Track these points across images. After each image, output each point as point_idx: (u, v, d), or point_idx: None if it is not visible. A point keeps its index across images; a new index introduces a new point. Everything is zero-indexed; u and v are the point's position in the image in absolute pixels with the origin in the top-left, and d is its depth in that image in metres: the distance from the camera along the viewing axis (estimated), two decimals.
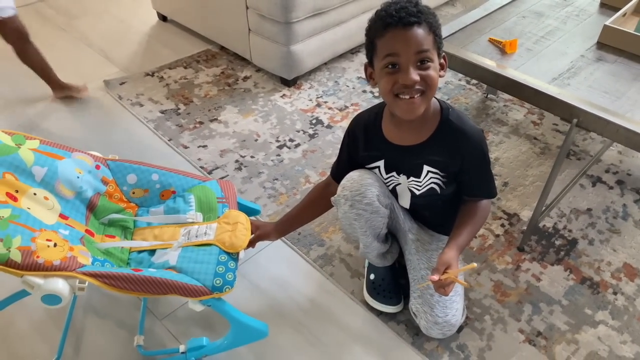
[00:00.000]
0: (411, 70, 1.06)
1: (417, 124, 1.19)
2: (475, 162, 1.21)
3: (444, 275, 1.10)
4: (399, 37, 1.05)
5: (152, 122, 2.10)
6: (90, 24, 2.75)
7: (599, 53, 1.58)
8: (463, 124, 1.19)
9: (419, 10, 1.05)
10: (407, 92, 1.08)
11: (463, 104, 2.26)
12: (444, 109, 1.19)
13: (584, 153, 2.02)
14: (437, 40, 1.08)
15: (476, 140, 1.20)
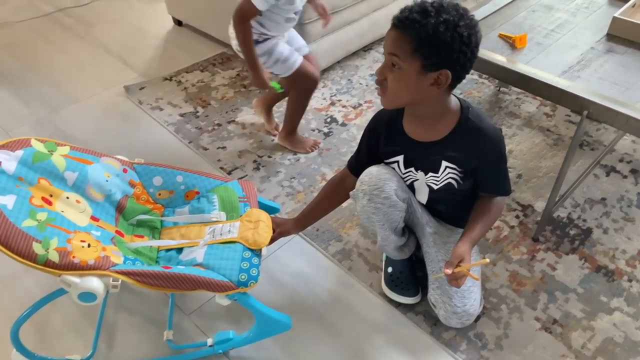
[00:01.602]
0: (381, 65, 1.15)
1: (435, 121, 1.23)
2: (491, 161, 1.25)
3: (457, 268, 1.15)
4: (387, 33, 1.13)
5: (173, 125, 2.16)
6: (108, 31, 2.82)
7: (608, 45, 1.60)
8: (482, 123, 1.22)
9: (412, 19, 1.06)
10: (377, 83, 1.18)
11: (476, 98, 2.29)
12: (464, 108, 1.23)
13: (598, 143, 2.03)
14: (420, 53, 1.07)
15: (494, 139, 1.23)
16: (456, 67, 1.10)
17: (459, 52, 1.07)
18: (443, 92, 1.15)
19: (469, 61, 1.11)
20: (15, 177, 1.16)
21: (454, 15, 1.06)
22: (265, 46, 1.75)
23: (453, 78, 1.12)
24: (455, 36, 1.05)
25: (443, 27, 1.04)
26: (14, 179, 1.15)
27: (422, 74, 1.10)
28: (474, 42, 1.09)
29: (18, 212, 1.09)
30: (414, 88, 1.14)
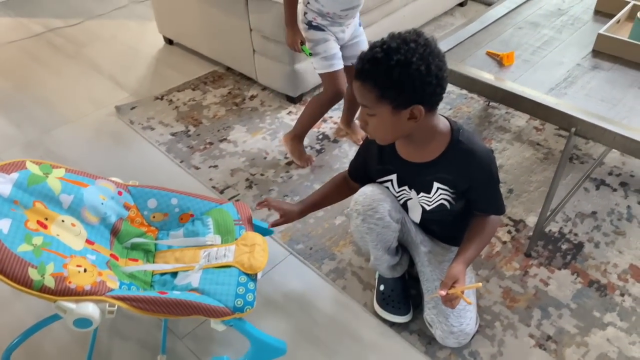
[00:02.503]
0: (360, 113, 1.19)
1: (425, 143, 1.24)
2: (483, 181, 1.26)
3: (451, 289, 1.16)
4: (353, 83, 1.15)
5: (164, 145, 2.17)
6: (99, 50, 2.83)
7: (594, 61, 1.62)
8: (472, 145, 1.23)
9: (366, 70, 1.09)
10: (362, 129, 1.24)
11: (465, 113, 2.32)
12: (454, 130, 1.24)
13: (587, 157, 2.06)
14: (386, 97, 1.09)
15: (485, 160, 1.24)
16: (425, 98, 1.11)
17: (422, 86, 1.08)
18: (427, 119, 1.16)
19: (437, 88, 1.11)
20: (10, 201, 1.16)
21: (404, 53, 1.05)
22: (316, 35, 1.81)
23: (428, 107, 1.13)
24: (412, 73, 1.06)
25: (397, 70, 1.06)
26: (9, 203, 1.15)
27: (395, 113, 1.13)
28: (435, 70, 1.08)
29: (13, 237, 1.09)
30: (394, 127, 1.17)
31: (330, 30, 1.81)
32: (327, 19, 1.77)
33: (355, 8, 1.78)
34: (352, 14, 1.80)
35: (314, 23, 1.78)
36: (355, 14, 1.83)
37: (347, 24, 1.83)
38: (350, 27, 1.85)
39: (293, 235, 1.75)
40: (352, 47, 1.91)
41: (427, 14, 2.91)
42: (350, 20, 1.83)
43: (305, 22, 1.80)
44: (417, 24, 2.87)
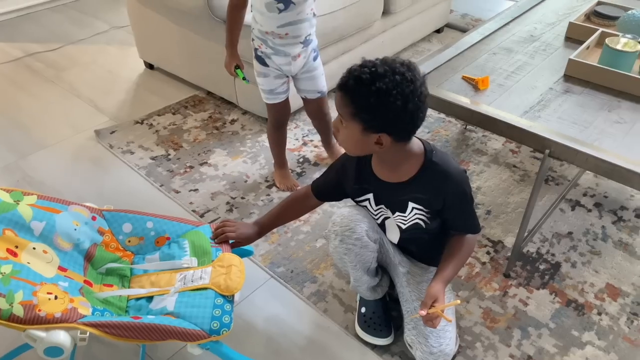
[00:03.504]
0: (335, 119, 1.21)
1: (399, 163, 1.26)
2: (457, 201, 1.27)
3: (431, 309, 1.16)
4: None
5: (144, 169, 2.15)
6: (79, 75, 2.82)
7: (566, 85, 1.67)
8: (445, 165, 1.25)
9: (348, 86, 1.11)
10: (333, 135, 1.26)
11: (443, 136, 2.35)
12: (428, 151, 1.25)
13: (562, 178, 2.10)
14: (359, 117, 1.12)
15: (458, 180, 1.26)
16: (395, 130, 1.14)
17: (394, 119, 1.10)
18: (396, 146, 1.18)
19: (408, 125, 1.14)
20: None
21: (387, 83, 1.07)
22: (258, 67, 1.83)
23: (395, 139, 1.15)
24: (388, 105, 1.08)
25: (374, 97, 1.08)
26: None
27: (364, 134, 1.15)
28: (412, 108, 1.09)
29: None
30: (360, 145, 1.19)
31: (275, 63, 1.76)
32: (269, 45, 1.72)
33: (294, 25, 1.66)
34: (293, 34, 1.68)
35: (259, 52, 1.77)
36: (298, 39, 1.71)
37: (294, 56, 1.74)
38: (298, 60, 1.77)
39: (274, 258, 1.74)
40: (304, 82, 1.86)
41: (405, 40, 2.97)
42: (296, 49, 1.73)
43: (253, 49, 1.80)
44: (395, 49, 2.93)
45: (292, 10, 1.64)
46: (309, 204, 1.51)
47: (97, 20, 3.41)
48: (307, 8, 1.67)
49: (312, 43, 1.80)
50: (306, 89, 1.88)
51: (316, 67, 1.85)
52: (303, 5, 1.65)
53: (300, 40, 1.73)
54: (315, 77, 1.86)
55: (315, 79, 1.87)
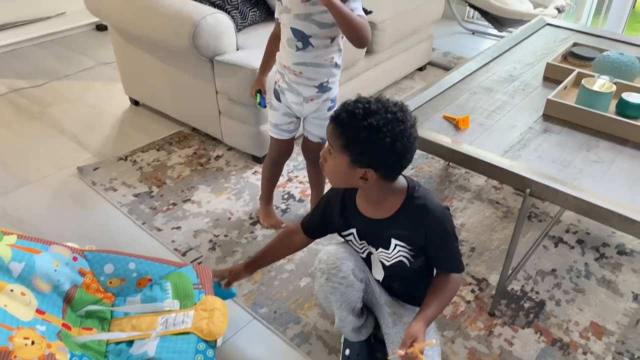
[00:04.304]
0: (324, 148, 1.22)
1: (382, 200, 1.27)
2: (439, 238, 1.28)
3: (409, 349, 1.15)
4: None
5: (126, 206, 2.13)
6: (64, 111, 2.82)
7: (545, 124, 1.70)
8: (427, 201, 1.26)
9: (341, 118, 1.14)
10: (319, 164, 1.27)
11: (427, 173, 2.37)
12: (410, 187, 1.27)
13: (544, 214, 2.12)
14: (348, 149, 1.15)
15: (439, 216, 1.26)
16: (381, 167, 1.16)
17: (382, 156, 1.13)
18: (380, 182, 1.20)
19: (395, 163, 1.16)
20: None
21: (379, 120, 1.10)
22: (272, 100, 1.84)
23: (381, 176, 1.18)
24: (377, 141, 1.11)
25: (365, 132, 1.11)
26: None
27: (351, 167, 1.17)
28: (400, 147, 1.12)
29: None
30: (345, 177, 1.21)
31: (287, 100, 1.76)
32: (285, 80, 1.72)
33: (310, 68, 1.65)
34: (307, 75, 1.67)
35: (276, 85, 1.80)
36: (312, 82, 1.69)
37: (307, 97, 1.72)
38: (310, 104, 1.74)
39: (257, 298, 1.72)
40: (312, 125, 1.82)
41: (388, 78, 3.02)
42: (309, 91, 1.71)
43: (274, 81, 1.82)
44: (379, 87, 2.98)
45: (310, 52, 1.63)
46: (298, 241, 1.51)
47: (83, 56, 3.43)
48: (326, 54, 1.64)
49: (330, 92, 1.74)
50: (311, 131, 1.85)
51: (328, 117, 1.78)
52: (322, 50, 1.63)
53: (314, 84, 1.70)
54: (320, 125, 1.81)
55: (324, 127, 1.78)
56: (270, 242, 1.55)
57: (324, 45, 1.62)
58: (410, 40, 3.01)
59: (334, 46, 1.65)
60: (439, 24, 3.29)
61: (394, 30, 2.76)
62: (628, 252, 1.94)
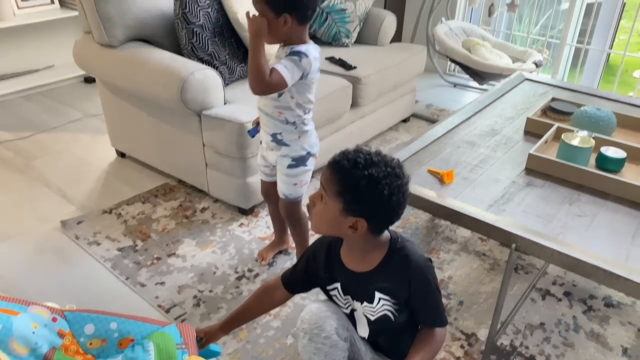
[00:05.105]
0: (315, 193, 1.23)
1: (365, 253, 1.27)
2: (421, 289, 1.27)
3: None
4: (325, 167, 1.21)
5: (109, 261, 2.10)
6: (49, 163, 2.80)
7: (528, 178, 1.73)
8: (409, 252, 1.26)
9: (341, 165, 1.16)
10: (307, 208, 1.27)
11: (413, 224, 2.38)
12: (393, 239, 1.28)
13: (531, 266, 2.12)
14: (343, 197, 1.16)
15: (421, 267, 1.26)
16: (373, 219, 1.18)
17: (377, 207, 1.15)
18: (367, 234, 1.21)
19: (387, 217, 1.19)
20: None
21: (379, 172, 1.13)
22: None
23: (370, 227, 1.19)
24: (375, 192, 1.13)
25: (365, 181, 1.13)
26: None
27: (343, 215, 1.18)
28: (395, 202, 1.15)
29: None
30: (334, 224, 1.21)
31: (264, 143, 1.79)
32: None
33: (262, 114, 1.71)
34: (263, 120, 1.72)
35: (258, 127, 1.83)
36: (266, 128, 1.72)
37: (267, 142, 1.75)
38: (271, 154, 1.78)
39: (242, 357, 1.68)
40: (278, 176, 1.83)
41: (373, 129, 3.08)
42: (266, 137, 1.74)
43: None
44: (364, 138, 3.02)
45: (262, 99, 1.68)
46: (278, 296, 1.48)
47: (70, 108, 3.45)
48: (272, 107, 1.66)
49: (288, 149, 1.74)
50: (278, 182, 1.86)
51: (287, 174, 1.78)
52: (269, 101, 1.66)
53: (268, 132, 1.73)
54: (282, 180, 1.81)
55: (282, 182, 1.82)
56: (248, 298, 1.51)
57: (271, 97, 1.65)
58: (394, 94, 3.09)
59: (281, 102, 1.65)
60: (421, 77, 3.38)
61: (378, 85, 2.83)
62: (615, 305, 1.94)
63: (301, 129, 1.71)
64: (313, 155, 1.80)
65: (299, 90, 1.63)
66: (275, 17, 1.52)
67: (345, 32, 3.12)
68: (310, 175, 1.84)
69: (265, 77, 1.52)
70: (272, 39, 1.58)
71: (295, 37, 1.59)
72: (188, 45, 2.37)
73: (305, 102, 1.67)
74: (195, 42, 2.37)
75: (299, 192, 1.84)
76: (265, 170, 1.90)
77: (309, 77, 1.61)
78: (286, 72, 1.54)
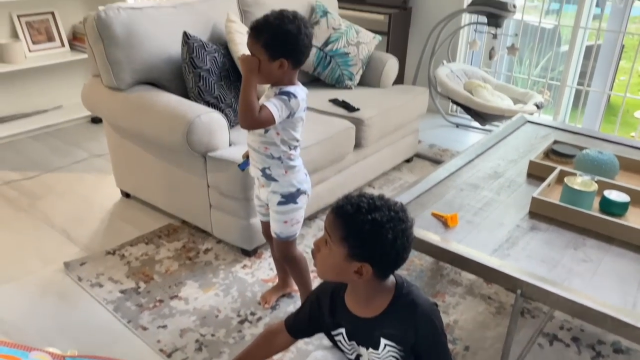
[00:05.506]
0: (319, 238, 1.23)
1: (372, 297, 1.26)
2: (428, 335, 1.25)
3: None
4: (328, 212, 1.22)
5: (112, 303, 2.08)
6: (54, 203, 2.82)
7: (532, 222, 1.73)
8: (415, 297, 1.25)
9: (345, 210, 1.16)
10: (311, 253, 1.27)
11: (418, 266, 2.36)
12: (399, 284, 1.27)
13: (537, 310, 2.09)
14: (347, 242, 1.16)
15: (427, 312, 1.25)
16: (378, 263, 1.17)
17: (382, 251, 1.15)
18: (372, 279, 1.20)
19: (392, 261, 1.18)
20: None
21: (383, 216, 1.14)
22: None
23: (376, 272, 1.18)
24: (379, 236, 1.13)
25: (369, 225, 1.13)
26: None
27: (347, 260, 1.18)
28: (400, 246, 1.15)
29: None
30: (339, 270, 1.21)
31: (255, 180, 1.81)
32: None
33: (250, 148, 1.74)
34: (252, 155, 1.74)
35: (248, 162, 1.84)
36: (255, 162, 1.75)
37: (257, 177, 1.78)
38: (262, 191, 1.80)
39: None
40: (271, 214, 1.83)
41: (377, 170, 3.09)
42: (256, 172, 1.77)
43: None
44: (367, 179, 3.03)
45: (250, 134, 1.71)
46: (281, 341, 1.46)
47: (77, 148, 3.49)
48: (259, 142, 1.69)
49: (277, 185, 1.75)
50: (271, 221, 1.86)
51: (277, 211, 1.79)
52: (256, 136, 1.68)
53: (257, 167, 1.75)
54: (273, 218, 1.81)
55: (273, 220, 1.82)
56: (250, 343, 1.49)
57: (258, 133, 1.68)
58: (397, 135, 3.12)
59: (267, 137, 1.68)
60: (423, 117, 3.42)
61: (381, 126, 2.86)
62: (624, 350, 1.90)
63: (287, 164, 1.74)
64: (304, 193, 1.81)
65: (284, 127, 1.67)
66: (271, 61, 1.57)
67: (349, 74, 3.18)
68: (303, 214, 1.84)
69: (255, 113, 1.56)
70: (265, 80, 1.64)
71: (287, 79, 1.64)
72: (195, 88, 2.42)
73: (291, 139, 1.71)
74: (201, 86, 2.42)
75: (290, 230, 1.83)
76: (261, 210, 1.91)
77: (295, 116, 1.66)
78: (275, 110, 1.59)
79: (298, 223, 1.84)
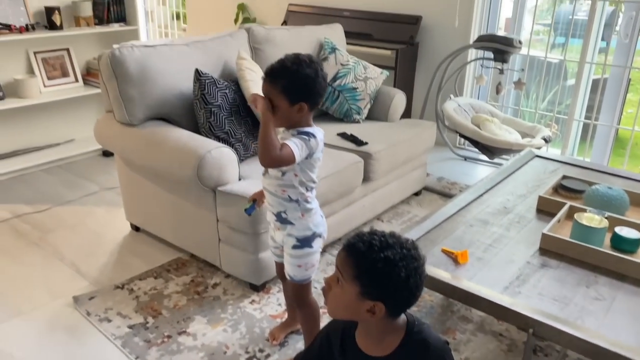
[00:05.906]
0: (330, 276, 1.21)
1: (383, 336, 1.24)
2: None
3: None
4: (339, 250, 1.21)
5: (120, 339, 2.07)
6: (64, 237, 2.84)
7: (542, 259, 1.72)
8: (427, 336, 1.24)
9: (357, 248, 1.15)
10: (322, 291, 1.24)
11: (428, 302, 2.34)
12: (410, 322, 1.26)
13: (550, 348, 2.06)
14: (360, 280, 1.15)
15: (438, 350, 1.23)
16: (391, 302, 1.16)
17: (395, 290, 1.14)
18: (384, 318, 1.19)
19: (405, 299, 1.17)
20: None
21: (395, 254, 1.13)
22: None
23: (388, 311, 1.17)
24: (392, 275, 1.13)
25: (381, 263, 1.13)
26: None
27: (360, 298, 1.17)
28: (412, 284, 1.14)
29: None
30: (351, 309, 1.19)
31: (271, 222, 1.80)
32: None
33: (266, 191, 1.73)
34: (268, 198, 1.74)
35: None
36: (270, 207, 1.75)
37: (273, 221, 1.77)
38: (278, 234, 1.79)
39: None
40: (285, 257, 1.81)
41: (385, 203, 3.10)
42: (271, 216, 1.77)
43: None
44: (376, 212, 3.04)
45: (267, 178, 1.72)
46: None
47: (88, 181, 3.53)
48: (276, 185, 1.69)
49: (292, 228, 1.73)
50: (285, 264, 1.83)
51: (292, 255, 1.76)
52: (274, 180, 1.68)
53: (272, 211, 1.74)
54: (287, 261, 1.79)
55: (287, 263, 1.79)
56: None
57: (275, 176, 1.68)
58: (405, 168, 3.13)
59: (285, 180, 1.68)
60: (432, 150, 3.44)
61: (389, 160, 2.88)
62: None
63: (304, 206, 1.73)
64: (319, 236, 1.78)
65: (302, 168, 1.67)
66: (291, 105, 1.58)
67: (357, 109, 3.22)
68: (318, 258, 1.80)
69: (276, 150, 1.56)
70: (284, 123, 1.65)
71: (304, 122, 1.65)
72: (206, 124, 2.46)
73: (308, 180, 1.71)
74: (212, 121, 2.45)
75: (304, 274, 1.79)
76: (275, 252, 1.89)
77: (314, 156, 1.66)
78: (296, 148, 1.59)
79: (313, 267, 1.80)
